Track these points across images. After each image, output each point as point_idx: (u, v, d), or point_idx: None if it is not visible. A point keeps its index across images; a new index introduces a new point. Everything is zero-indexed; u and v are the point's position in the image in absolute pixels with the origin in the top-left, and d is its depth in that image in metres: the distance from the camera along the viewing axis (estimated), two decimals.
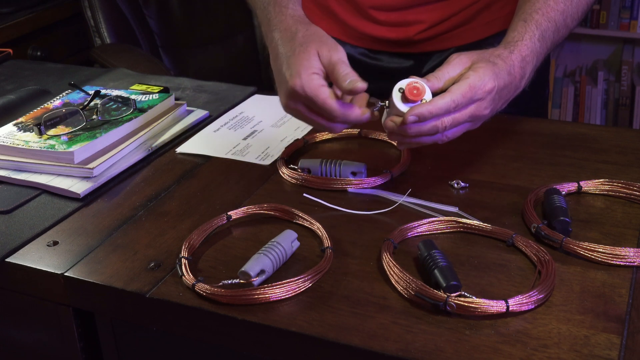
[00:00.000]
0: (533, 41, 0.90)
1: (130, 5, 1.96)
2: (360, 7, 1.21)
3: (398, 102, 0.83)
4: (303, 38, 0.87)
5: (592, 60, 2.94)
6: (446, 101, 0.81)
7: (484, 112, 0.85)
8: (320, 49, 0.85)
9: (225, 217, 0.85)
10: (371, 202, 0.89)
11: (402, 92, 0.83)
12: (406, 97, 0.82)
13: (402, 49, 1.23)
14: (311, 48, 0.85)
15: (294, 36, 0.88)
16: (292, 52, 0.86)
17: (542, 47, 0.91)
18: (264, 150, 1.03)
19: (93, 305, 0.79)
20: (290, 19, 0.91)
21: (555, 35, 0.94)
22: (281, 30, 0.91)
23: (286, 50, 0.88)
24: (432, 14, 1.18)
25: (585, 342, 0.65)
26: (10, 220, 0.89)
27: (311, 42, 0.86)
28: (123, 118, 1.06)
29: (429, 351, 0.65)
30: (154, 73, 1.48)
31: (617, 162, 0.96)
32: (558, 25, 0.93)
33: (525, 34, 0.90)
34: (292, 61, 0.85)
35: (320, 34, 0.89)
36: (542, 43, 0.91)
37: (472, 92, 0.82)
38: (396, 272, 0.73)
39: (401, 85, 0.83)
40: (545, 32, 0.92)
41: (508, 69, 0.86)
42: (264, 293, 0.72)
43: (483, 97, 0.83)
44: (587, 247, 0.76)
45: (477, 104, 0.84)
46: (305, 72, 0.83)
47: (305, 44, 0.86)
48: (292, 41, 0.88)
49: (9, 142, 1.00)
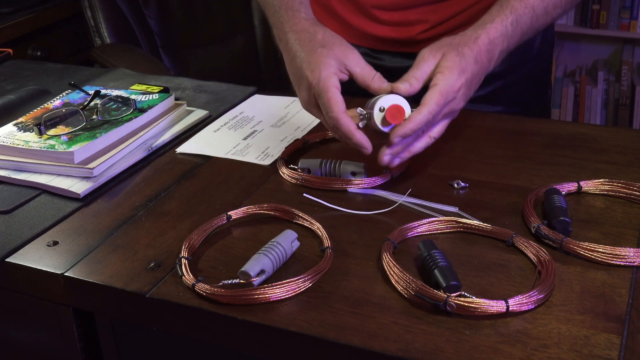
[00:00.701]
0: (505, 24, 0.93)
1: (130, 5, 1.96)
2: (362, 7, 1.21)
3: (379, 122, 0.87)
4: (323, 39, 0.91)
5: (592, 60, 2.95)
6: (423, 115, 0.85)
7: (458, 106, 0.90)
8: (344, 53, 0.90)
9: (225, 217, 0.85)
10: (371, 202, 0.89)
11: (383, 111, 0.86)
12: (387, 120, 0.86)
13: (404, 48, 1.23)
14: (335, 50, 0.90)
15: (314, 37, 0.92)
16: (313, 51, 0.90)
17: (515, 31, 0.94)
18: (264, 150, 1.03)
19: (93, 305, 0.79)
20: (305, 21, 0.95)
21: (533, 21, 0.96)
22: (297, 31, 0.94)
23: (305, 49, 0.91)
24: (434, 14, 1.18)
25: (585, 342, 0.65)
26: (10, 220, 0.89)
27: (334, 45, 0.90)
28: (123, 118, 1.06)
29: (429, 351, 0.65)
30: (154, 73, 1.48)
31: (617, 162, 0.96)
32: (537, 12, 0.96)
33: (497, 17, 0.94)
34: (314, 59, 0.89)
35: (338, 36, 0.93)
36: (515, 27, 0.94)
37: (444, 97, 0.86)
38: (396, 272, 0.73)
39: (382, 105, 0.86)
40: (520, 17, 0.94)
41: (475, 57, 0.90)
42: (264, 293, 0.72)
43: (455, 97, 0.88)
44: (587, 247, 0.76)
45: (449, 104, 0.88)
46: (325, 69, 0.87)
47: (328, 45, 0.90)
48: (311, 41, 0.91)
49: (9, 142, 1.00)
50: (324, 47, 0.90)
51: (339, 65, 0.89)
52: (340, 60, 0.89)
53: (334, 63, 0.88)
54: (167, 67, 1.92)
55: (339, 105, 0.86)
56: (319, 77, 0.87)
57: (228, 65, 2.10)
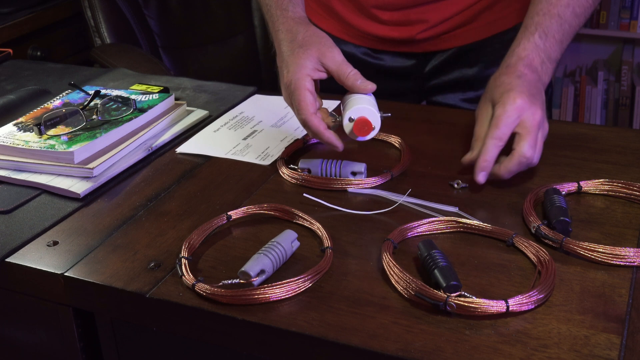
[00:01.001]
0: (531, 41, 0.95)
1: (130, 5, 1.96)
2: (363, 7, 1.21)
3: (347, 132, 0.90)
4: (303, 40, 0.94)
5: (592, 60, 2.94)
6: (514, 162, 0.87)
7: (539, 122, 0.89)
8: (321, 51, 0.91)
9: (225, 217, 0.85)
10: (371, 202, 0.89)
11: (352, 122, 0.89)
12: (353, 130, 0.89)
13: (404, 48, 1.24)
14: (312, 50, 0.92)
15: (295, 37, 0.94)
16: (292, 52, 0.93)
17: (548, 41, 0.95)
18: (264, 150, 1.03)
19: (93, 305, 0.79)
20: (292, 20, 0.98)
21: (564, 27, 0.97)
22: (284, 31, 0.97)
23: (287, 50, 0.94)
24: (434, 14, 1.18)
25: (585, 342, 0.65)
26: (10, 220, 0.89)
27: (311, 45, 0.92)
28: (123, 118, 1.06)
29: (429, 351, 0.65)
30: (154, 73, 1.48)
31: (617, 162, 0.96)
32: (564, 17, 0.97)
33: (522, 39, 0.96)
34: (291, 60, 0.92)
35: (319, 35, 0.95)
36: (545, 38, 0.95)
37: (532, 138, 0.87)
38: (396, 272, 0.73)
39: (351, 116, 0.89)
40: (547, 28, 0.96)
41: (517, 74, 0.91)
42: (264, 293, 0.72)
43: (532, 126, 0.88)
44: (587, 247, 0.76)
45: (534, 131, 0.88)
46: (299, 71, 0.90)
47: (305, 45, 0.93)
48: (292, 42, 0.94)
49: (9, 142, 1.00)
50: (302, 47, 0.92)
51: (315, 65, 0.91)
52: (317, 59, 0.91)
53: (309, 64, 0.91)
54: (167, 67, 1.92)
55: (308, 106, 0.89)
56: (291, 79, 0.91)
57: (228, 65, 2.10)
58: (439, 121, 1.10)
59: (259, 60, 2.12)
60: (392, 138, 1.03)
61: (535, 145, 0.88)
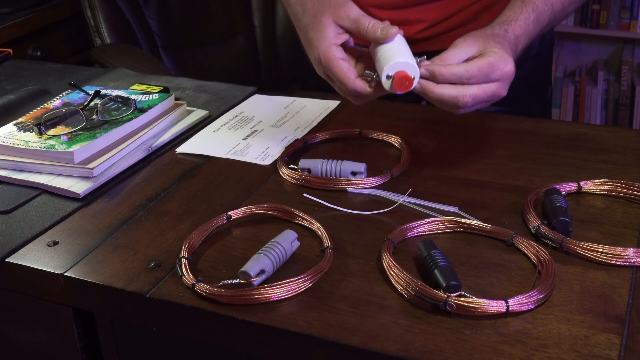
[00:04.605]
0: (527, 22, 0.93)
1: (130, 5, 1.96)
2: (361, 5, 1.20)
3: (388, 89, 0.86)
4: (313, 9, 0.91)
5: (592, 60, 2.95)
6: (460, 69, 0.83)
7: (502, 94, 0.87)
8: (334, 14, 0.88)
9: (225, 217, 0.85)
10: (371, 202, 0.89)
11: (390, 79, 0.85)
12: (394, 87, 0.85)
13: None
14: (324, 18, 0.88)
15: (304, 7, 0.92)
16: (308, 25, 0.90)
17: (535, 29, 0.94)
18: (264, 150, 1.03)
19: (93, 305, 0.79)
20: None
21: (551, 19, 0.96)
22: (294, 4, 0.94)
23: (303, 24, 0.91)
24: (433, 13, 1.18)
25: (585, 342, 0.65)
26: (10, 220, 0.89)
27: (323, 10, 0.89)
28: (123, 118, 1.06)
29: (429, 351, 0.65)
30: (154, 73, 1.48)
31: (617, 162, 0.96)
32: (555, 9, 0.96)
33: (520, 14, 0.93)
34: (311, 35, 0.89)
35: None
36: (535, 25, 0.94)
37: (490, 69, 0.83)
38: (396, 272, 0.73)
39: (389, 73, 0.85)
40: (540, 15, 0.94)
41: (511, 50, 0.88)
42: (264, 293, 0.72)
43: (501, 79, 0.85)
44: (587, 247, 0.76)
45: (498, 85, 0.85)
46: (322, 43, 0.87)
47: (318, 15, 0.89)
48: (305, 14, 0.91)
49: (9, 142, 1.00)
50: (315, 16, 0.89)
51: (335, 30, 0.88)
52: (333, 24, 0.88)
53: (329, 32, 0.88)
54: (167, 67, 1.92)
55: (347, 75, 0.86)
56: (318, 54, 0.88)
57: (228, 65, 2.10)
58: (439, 121, 1.10)
59: (259, 60, 2.13)
60: (392, 138, 1.03)
61: (477, 103, 0.85)
